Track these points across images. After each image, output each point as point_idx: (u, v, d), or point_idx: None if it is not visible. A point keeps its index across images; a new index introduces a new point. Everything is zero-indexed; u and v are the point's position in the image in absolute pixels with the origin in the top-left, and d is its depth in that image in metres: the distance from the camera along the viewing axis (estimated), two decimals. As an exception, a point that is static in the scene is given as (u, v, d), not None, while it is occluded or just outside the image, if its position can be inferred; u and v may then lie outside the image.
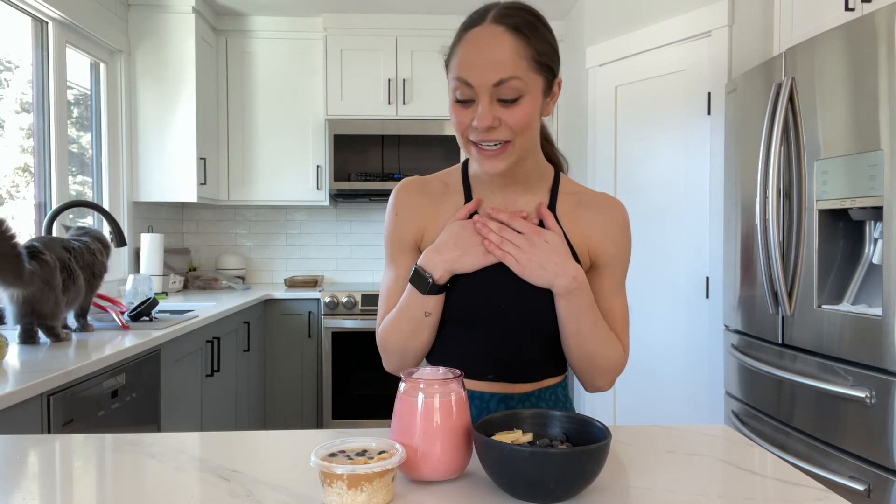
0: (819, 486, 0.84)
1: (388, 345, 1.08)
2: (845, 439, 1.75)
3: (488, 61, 0.92)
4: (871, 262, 1.85)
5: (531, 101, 0.95)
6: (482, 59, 0.93)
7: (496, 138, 0.95)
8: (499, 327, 1.05)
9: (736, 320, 2.37)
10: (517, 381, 1.08)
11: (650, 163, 3.02)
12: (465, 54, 0.95)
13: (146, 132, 3.43)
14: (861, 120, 1.72)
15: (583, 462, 0.75)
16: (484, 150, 0.97)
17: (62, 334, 1.84)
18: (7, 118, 2.65)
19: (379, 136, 3.74)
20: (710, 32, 2.71)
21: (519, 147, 0.97)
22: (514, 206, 1.07)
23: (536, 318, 1.04)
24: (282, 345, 3.60)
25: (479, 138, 0.96)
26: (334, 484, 0.75)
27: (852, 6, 1.96)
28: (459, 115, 0.98)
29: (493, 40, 0.93)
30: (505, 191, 1.07)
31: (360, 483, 0.74)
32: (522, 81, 0.93)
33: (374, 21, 3.75)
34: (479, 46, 0.94)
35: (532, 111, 0.96)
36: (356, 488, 0.75)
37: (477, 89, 0.93)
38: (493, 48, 0.92)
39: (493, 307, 1.03)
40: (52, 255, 1.78)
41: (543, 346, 1.08)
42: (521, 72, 0.93)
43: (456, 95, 0.97)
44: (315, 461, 0.76)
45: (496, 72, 0.92)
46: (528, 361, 1.08)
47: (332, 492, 0.75)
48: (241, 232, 4.18)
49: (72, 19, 2.80)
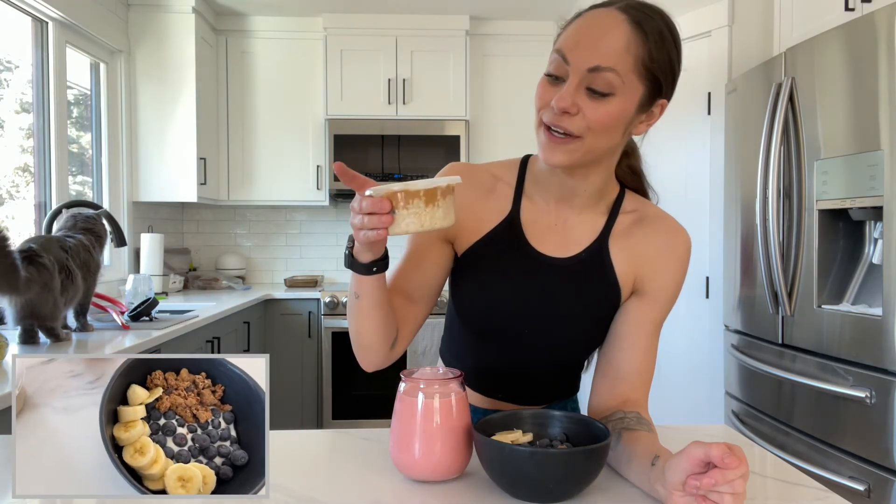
0: (819, 486, 0.84)
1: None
2: (845, 439, 1.75)
3: (593, 43, 0.83)
4: (871, 262, 1.85)
5: (621, 104, 0.84)
6: (588, 38, 0.83)
7: (565, 127, 0.84)
8: (515, 348, 1.00)
9: (736, 320, 2.37)
10: (525, 403, 1.05)
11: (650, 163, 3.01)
12: (575, 29, 0.85)
13: (146, 132, 3.43)
14: (861, 120, 1.72)
15: (583, 462, 0.75)
16: (552, 135, 0.86)
17: (62, 335, 1.84)
18: (7, 118, 2.65)
19: (379, 136, 3.73)
20: (710, 32, 2.71)
21: (588, 147, 0.86)
22: (565, 222, 0.97)
23: (556, 344, 0.98)
24: (282, 345, 3.60)
25: (550, 119, 0.85)
26: (410, 204, 0.74)
27: (852, 6, 1.96)
28: (543, 91, 0.87)
29: (608, 24, 0.83)
30: (560, 202, 0.97)
31: (436, 198, 0.73)
32: (620, 79, 0.82)
33: (374, 21, 3.75)
34: (592, 25, 0.84)
35: (618, 115, 0.84)
36: (433, 204, 0.74)
37: (571, 67, 0.83)
38: (604, 32, 0.83)
39: (513, 327, 0.98)
40: (49, 256, 1.76)
41: (558, 374, 1.06)
42: (622, 68, 0.82)
43: (548, 69, 0.87)
44: (384, 187, 0.74)
45: (596, 56, 0.82)
46: (540, 385, 1.05)
47: (408, 214, 0.74)
48: (241, 232, 4.18)
49: (72, 19, 2.80)
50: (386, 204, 0.75)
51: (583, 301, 0.96)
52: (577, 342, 1.00)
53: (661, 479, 0.73)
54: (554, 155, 0.86)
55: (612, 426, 0.87)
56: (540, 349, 0.99)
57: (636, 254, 0.96)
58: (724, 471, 0.66)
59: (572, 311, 0.97)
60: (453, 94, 3.72)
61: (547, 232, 0.97)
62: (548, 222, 0.97)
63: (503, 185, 1.00)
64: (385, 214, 0.76)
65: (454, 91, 3.72)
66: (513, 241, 0.97)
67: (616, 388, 0.95)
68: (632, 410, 0.91)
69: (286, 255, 4.20)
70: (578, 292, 0.96)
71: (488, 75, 3.86)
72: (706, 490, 0.67)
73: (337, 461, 0.94)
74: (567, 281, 0.96)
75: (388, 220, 0.76)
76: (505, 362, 1.02)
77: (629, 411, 0.90)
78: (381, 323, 0.92)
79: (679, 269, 0.98)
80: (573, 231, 0.97)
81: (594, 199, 0.97)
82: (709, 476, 0.67)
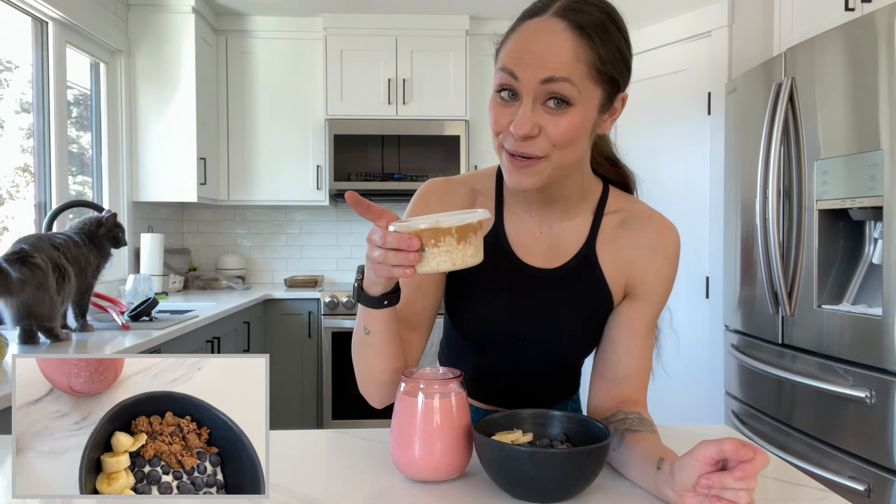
0: (819, 486, 0.84)
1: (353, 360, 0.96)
2: (845, 439, 1.75)
3: (540, 55, 0.78)
4: (871, 262, 1.85)
5: (582, 113, 0.81)
6: (531, 52, 0.79)
7: (530, 152, 0.81)
8: (512, 358, 1.00)
9: (736, 320, 2.37)
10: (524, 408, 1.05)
11: (650, 163, 3.01)
12: (517, 44, 0.81)
13: (146, 132, 3.43)
14: (861, 120, 1.72)
15: (583, 462, 0.75)
16: (515, 160, 0.82)
17: (61, 335, 1.84)
18: (7, 118, 2.65)
19: (379, 136, 3.73)
20: (710, 32, 2.71)
21: (556, 164, 0.83)
22: (550, 229, 0.95)
23: (551, 353, 0.98)
24: (282, 345, 3.59)
25: (512, 147, 0.82)
26: (441, 242, 0.72)
27: (852, 6, 1.96)
28: (498, 113, 0.83)
29: (549, 35, 0.79)
30: (542, 210, 0.94)
31: (468, 235, 0.72)
32: (576, 88, 0.79)
33: (374, 21, 3.75)
34: (533, 38, 0.80)
35: (580, 125, 0.81)
36: (465, 241, 0.72)
37: (522, 84, 0.79)
38: (548, 44, 0.79)
39: (509, 339, 0.98)
40: (42, 256, 1.75)
41: (555, 378, 1.06)
42: (576, 77, 0.79)
43: (497, 87, 0.83)
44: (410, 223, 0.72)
45: (545, 67, 0.78)
46: (538, 391, 1.05)
47: (438, 252, 0.72)
48: (241, 232, 4.18)
49: (72, 19, 2.80)
50: (416, 242, 0.72)
51: (575, 309, 0.96)
52: (573, 349, 1.00)
53: (669, 481, 0.72)
54: (521, 180, 0.83)
55: (614, 427, 0.87)
56: (536, 358, 0.99)
57: (624, 257, 0.95)
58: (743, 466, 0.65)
59: (565, 320, 0.96)
60: (453, 94, 3.72)
61: (533, 242, 0.95)
62: (533, 233, 0.96)
63: (483, 198, 0.98)
64: (413, 252, 0.73)
65: (454, 91, 3.72)
66: (500, 257, 0.95)
67: (614, 390, 0.94)
68: (633, 411, 0.90)
69: (286, 255, 4.20)
70: (570, 301, 0.95)
71: (488, 75, 3.85)
72: (720, 489, 0.66)
73: (337, 461, 0.94)
74: (558, 291, 0.95)
75: (417, 259, 0.73)
76: (502, 371, 1.02)
77: (630, 412, 0.90)
78: (393, 357, 0.90)
79: (669, 269, 0.96)
80: (559, 239, 0.95)
81: (575, 202, 0.95)
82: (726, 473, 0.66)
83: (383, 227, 0.74)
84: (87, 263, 1.98)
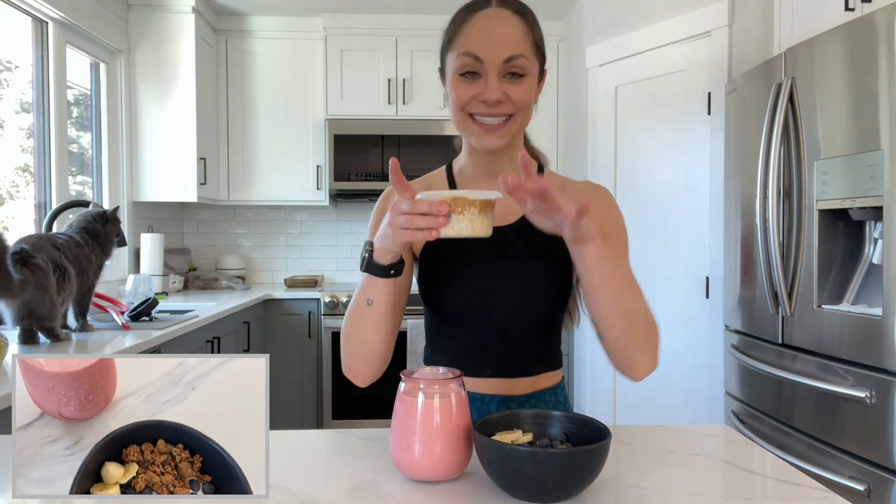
0: (819, 486, 0.84)
1: (342, 337, 1.03)
2: (845, 439, 1.75)
3: (500, 39, 0.97)
4: (871, 262, 1.85)
5: (531, 80, 1.00)
6: (494, 37, 0.98)
7: (502, 112, 0.99)
8: (491, 320, 1.06)
9: (736, 320, 2.37)
10: (515, 376, 1.08)
11: (650, 163, 3.01)
12: (477, 32, 0.98)
13: (146, 132, 3.43)
14: (861, 120, 1.72)
15: (583, 462, 0.75)
16: (485, 124, 1.00)
17: (61, 335, 1.84)
18: (7, 118, 2.65)
19: (379, 136, 3.73)
20: (710, 32, 2.71)
21: (519, 124, 1.01)
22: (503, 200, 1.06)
23: (525, 305, 1.05)
24: (282, 345, 3.60)
25: (486, 111, 0.99)
26: (466, 211, 0.81)
27: (852, 6, 1.96)
28: (461, 89, 1.00)
29: (503, 21, 0.99)
30: (490, 181, 1.08)
31: (487, 209, 0.82)
32: (527, 61, 0.99)
33: (374, 21, 3.75)
34: (492, 25, 0.98)
35: (531, 90, 1.00)
36: (484, 214, 0.82)
37: (486, 65, 0.97)
38: (504, 28, 0.98)
39: (484, 299, 1.05)
40: (43, 256, 1.75)
41: (537, 337, 1.09)
42: (525, 52, 0.98)
43: (460, 70, 0.99)
44: (444, 193, 0.81)
45: (507, 49, 0.97)
46: (524, 354, 1.09)
47: (463, 219, 0.81)
48: (241, 232, 4.18)
49: (72, 19, 2.80)
50: (445, 207, 0.82)
51: (537, 254, 1.05)
52: (544, 295, 1.06)
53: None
54: (492, 140, 1.00)
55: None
56: (513, 313, 1.06)
57: None
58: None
59: (531, 267, 1.05)
60: (453, 94, 3.71)
61: None
62: None
63: (437, 187, 1.11)
64: (442, 217, 0.82)
65: (454, 91, 3.71)
66: None
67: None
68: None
69: (286, 255, 4.20)
70: (531, 248, 1.05)
71: (488, 75, 3.85)
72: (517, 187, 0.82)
73: (337, 461, 0.95)
74: (518, 241, 1.05)
75: (444, 222, 0.82)
76: (485, 336, 1.06)
77: None
78: (390, 330, 0.98)
79: (609, 208, 1.09)
80: (510, 203, 1.03)
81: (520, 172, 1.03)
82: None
83: (409, 197, 0.84)
84: (88, 263, 1.98)
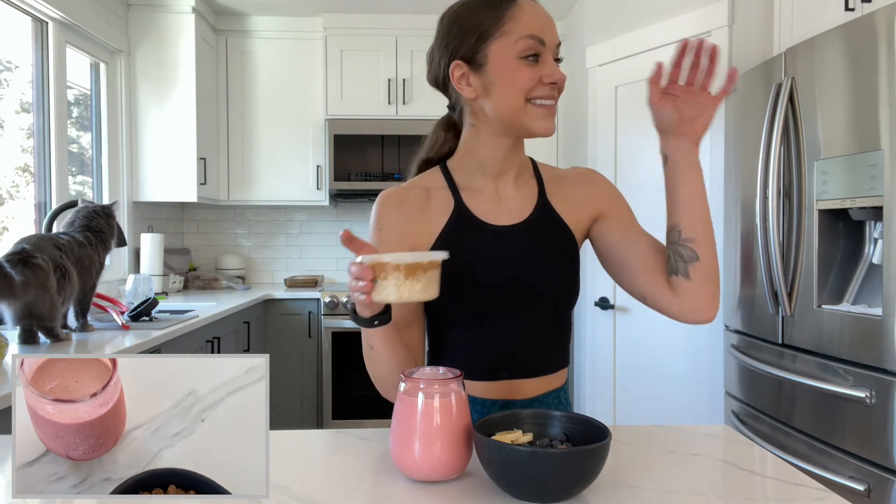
0: (819, 486, 0.84)
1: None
2: (845, 439, 1.75)
3: (551, 24, 1.01)
4: (871, 262, 1.85)
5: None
6: (548, 21, 1.00)
7: (557, 94, 1.01)
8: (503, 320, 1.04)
9: (736, 320, 2.37)
10: (529, 376, 1.07)
11: (650, 163, 3.01)
12: (533, 17, 0.99)
13: (146, 132, 3.43)
14: (861, 120, 1.72)
15: (583, 462, 0.75)
16: (546, 105, 0.99)
17: (61, 334, 1.84)
18: (7, 118, 2.65)
19: (379, 136, 3.73)
20: (710, 32, 2.71)
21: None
22: (506, 194, 1.08)
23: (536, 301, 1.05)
24: (282, 345, 3.60)
25: (548, 93, 0.99)
26: (390, 276, 0.79)
27: (852, 6, 1.96)
28: (526, 73, 0.98)
29: (543, 8, 1.02)
30: (497, 182, 1.08)
31: (417, 272, 0.79)
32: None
33: (374, 21, 3.75)
34: (541, 11, 1.01)
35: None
36: (413, 278, 0.79)
37: (548, 47, 0.99)
38: (548, 14, 1.02)
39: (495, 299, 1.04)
40: (43, 256, 1.75)
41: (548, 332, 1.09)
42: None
43: (524, 53, 0.98)
44: (369, 258, 0.80)
45: (556, 34, 1.01)
46: (535, 349, 1.08)
47: (387, 284, 0.80)
48: (241, 232, 4.18)
49: (72, 19, 2.80)
50: (368, 272, 0.81)
51: (547, 252, 1.06)
52: (553, 292, 1.07)
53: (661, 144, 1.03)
54: (551, 123, 1.01)
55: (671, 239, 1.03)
56: (524, 311, 1.05)
57: (572, 197, 1.11)
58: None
59: (540, 265, 1.05)
60: (453, 94, 3.71)
61: (495, 209, 1.07)
62: (493, 201, 1.08)
63: (436, 190, 1.08)
64: (367, 282, 0.82)
65: (454, 91, 3.71)
66: (468, 227, 1.05)
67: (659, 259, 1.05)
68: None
69: (286, 255, 4.20)
70: (540, 246, 1.06)
71: (488, 75, 3.85)
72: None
73: (337, 461, 0.95)
74: (528, 240, 1.06)
75: (369, 287, 0.82)
76: (499, 337, 1.06)
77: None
78: (400, 362, 0.98)
79: (604, 184, 1.13)
80: (516, 201, 1.08)
81: (521, 169, 1.10)
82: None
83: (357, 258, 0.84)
84: (91, 263, 1.98)
